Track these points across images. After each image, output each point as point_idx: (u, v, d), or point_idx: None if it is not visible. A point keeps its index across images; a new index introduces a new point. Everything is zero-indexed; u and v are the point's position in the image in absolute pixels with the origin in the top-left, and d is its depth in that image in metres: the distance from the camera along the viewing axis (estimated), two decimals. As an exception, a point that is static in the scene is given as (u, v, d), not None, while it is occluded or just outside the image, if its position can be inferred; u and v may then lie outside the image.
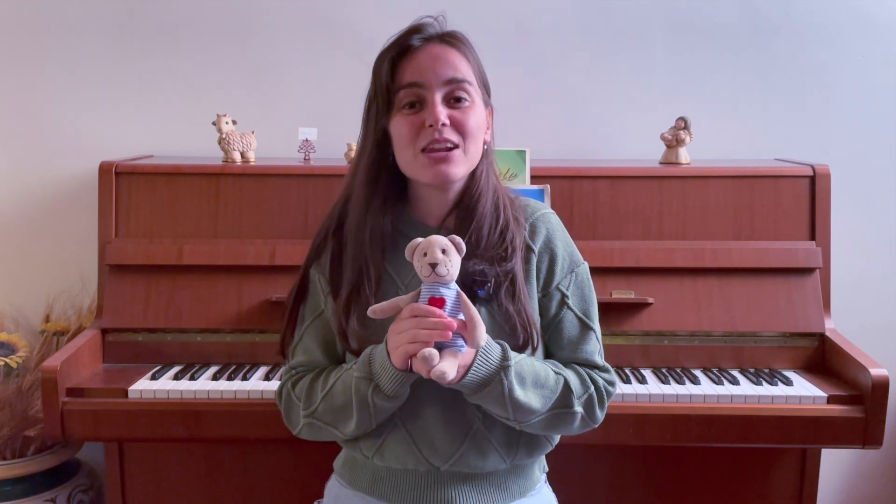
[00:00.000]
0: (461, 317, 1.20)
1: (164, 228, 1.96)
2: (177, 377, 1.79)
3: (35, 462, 2.08)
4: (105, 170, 1.97)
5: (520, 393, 1.24)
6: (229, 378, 1.78)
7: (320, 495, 1.47)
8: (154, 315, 1.89)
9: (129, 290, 1.90)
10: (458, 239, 1.21)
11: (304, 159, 2.14)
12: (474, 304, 1.21)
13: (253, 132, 2.11)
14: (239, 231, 1.96)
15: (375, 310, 1.22)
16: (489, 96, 1.37)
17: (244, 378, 1.78)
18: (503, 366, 1.23)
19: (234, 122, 2.09)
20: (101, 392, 1.73)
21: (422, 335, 1.17)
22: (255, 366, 1.86)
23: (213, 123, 2.08)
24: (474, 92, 1.30)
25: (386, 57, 1.30)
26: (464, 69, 1.29)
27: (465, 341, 1.20)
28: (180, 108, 2.33)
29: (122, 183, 1.97)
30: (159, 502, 1.94)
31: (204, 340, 1.90)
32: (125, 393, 1.72)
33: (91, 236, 2.03)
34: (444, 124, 1.26)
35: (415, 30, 1.30)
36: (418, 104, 1.28)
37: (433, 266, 1.18)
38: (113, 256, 1.91)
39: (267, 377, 1.79)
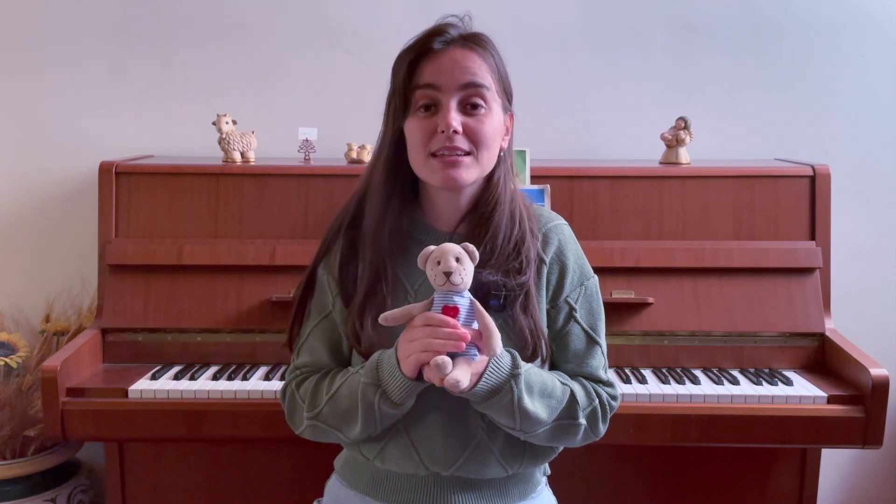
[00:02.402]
0: (475, 325, 1.18)
1: (164, 228, 1.96)
2: (177, 377, 1.79)
3: (35, 462, 2.08)
4: (105, 170, 1.97)
5: (528, 402, 1.23)
6: (229, 378, 1.78)
7: (320, 495, 1.47)
8: (154, 315, 1.89)
9: (129, 290, 1.90)
10: (472, 247, 1.19)
11: (304, 159, 2.14)
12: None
13: (253, 132, 2.11)
14: (239, 231, 1.96)
15: (387, 317, 1.20)
16: (511, 101, 1.34)
17: (244, 378, 1.78)
18: (513, 374, 1.21)
19: (234, 122, 2.09)
20: (101, 392, 1.73)
21: (435, 345, 1.15)
22: (255, 366, 1.86)
23: (213, 123, 2.08)
24: (492, 98, 1.28)
25: (405, 58, 1.28)
26: (483, 74, 1.27)
27: (479, 350, 1.18)
28: (180, 108, 2.33)
29: (122, 183, 1.97)
30: (159, 502, 1.94)
31: (204, 340, 1.90)
32: (125, 393, 1.72)
33: (91, 236, 2.03)
34: (455, 131, 1.24)
35: (437, 31, 1.28)
36: (433, 107, 1.26)
37: (447, 275, 1.16)
38: (113, 256, 1.91)
39: (267, 377, 1.79)
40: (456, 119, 1.24)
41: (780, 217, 1.96)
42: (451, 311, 1.17)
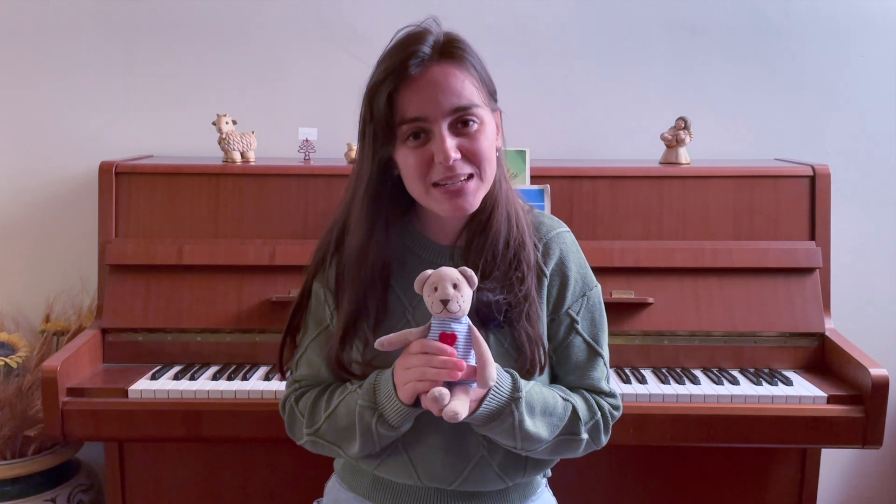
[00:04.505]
0: (472, 360, 1.14)
1: (164, 228, 1.96)
2: (177, 377, 1.79)
3: (35, 462, 2.08)
4: (105, 170, 1.97)
5: (529, 423, 1.21)
6: (229, 378, 1.78)
7: (320, 495, 1.47)
8: (154, 315, 1.89)
9: (129, 290, 1.90)
10: (470, 272, 1.15)
11: (304, 159, 2.14)
12: (485, 331, 1.17)
13: (253, 132, 2.11)
14: (239, 231, 1.96)
15: (383, 342, 1.17)
16: (496, 99, 1.29)
17: (244, 378, 1.78)
18: (514, 397, 1.19)
19: (234, 122, 2.09)
20: (101, 392, 1.73)
21: (430, 374, 1.12)
22: (255, 366, 1.86)
23: (213, 123, 2.08)
24: (482, 112, 1.22)
25: (382, 88, 1.19)
26: (469, 91, 1.20)
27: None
28: (180, 108, 2.33)
29: (122, 183, 1.97)
30: (159, 502, 1.94)
31: (204, 340, 1.90)
32: (125, 393, 1.72)
33: (91, 236, 2.03)
34: (455, 160, 1.19)
35: (410, 53, 1.19)
36: (423, 135, 1.20)
37: (444, 302, 1.12)
38: (113, 256, 1.91)
39: (267, 377, 1.79)
40: (452, 146, 1.18)
41: (780, 217, 1.96)
42: (449, 338, 1.13)
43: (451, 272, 1.14)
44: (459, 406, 1.11)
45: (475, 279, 1.15)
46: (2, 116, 2.32)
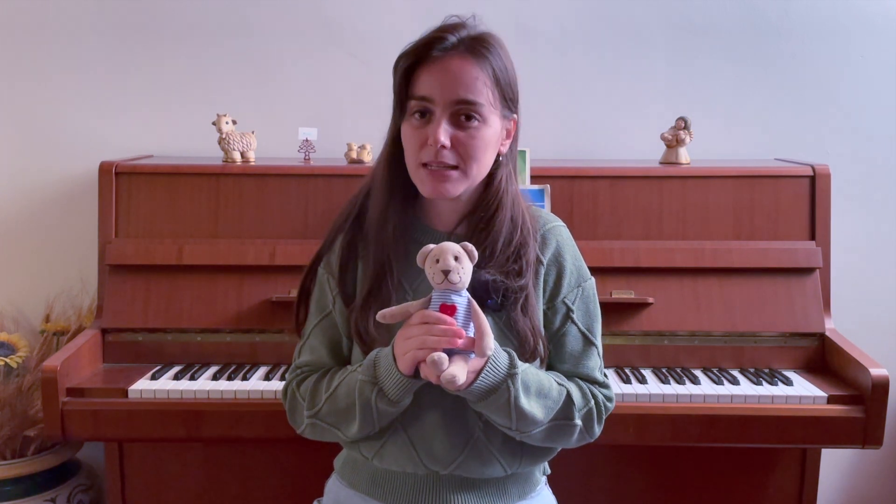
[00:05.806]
0: (472, 332, 1.18)
1: (164, 228, 1.96)
2: (177, 377, 1.79)
3: (35, 462, 2.08)
4: (105, 170, 1.97)
5: (524, 402, 1.23)
6: (229, 378, 1.78)
7: (320, 495, 1.48)
8: (154, 315, 1.89)
9: (129, 290, 1.90)
10: (471, 246, 1.19)
11: (304, 159, 2.14)
12: (482, 312, 1.20)
13: (253, 132, 2.11)
14: (239, 231, 1.96)
15: (385, 314, 1.21)
16: (515, 105, 1.32)
17: (244, 378, 1.78)
18: (510, 373, 1.22)
19: (234, 122, 2.09)
20: (101, 392, 1.73)
21: (430, 341, 1.16)
22: (255, 366, 1.86)
23: (213, 123, 2.08)
24: (487, 112, 1.26)
25: (403, 63, 1.27)
26: (478, 88, 1.25)
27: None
28: (180, 108, 2.33)
29: (122, 183, 1.97)
30: (159, 502, 1.95)
31: (204, 340, 1.90)
32: (125, 393, 1.72)
33: (91, 236, 2.03)
34: (443, 146, 1.24)
35: (437, 38, 1.25)
36: (427, 115, 1.26)
37: (445, 273, 1.16)
38: (113, 256, 1.91)
39: (267, 377, 1.79)
40: (444, 134, 1.23)
41: (780, 217, 1.97)
42: (449, 309, 1.18)
43: (452, 245, 1.19)
44: (458, 371, 1.15)
45: (475, 254, 1.20)
46: (2, 116, 2.32)
